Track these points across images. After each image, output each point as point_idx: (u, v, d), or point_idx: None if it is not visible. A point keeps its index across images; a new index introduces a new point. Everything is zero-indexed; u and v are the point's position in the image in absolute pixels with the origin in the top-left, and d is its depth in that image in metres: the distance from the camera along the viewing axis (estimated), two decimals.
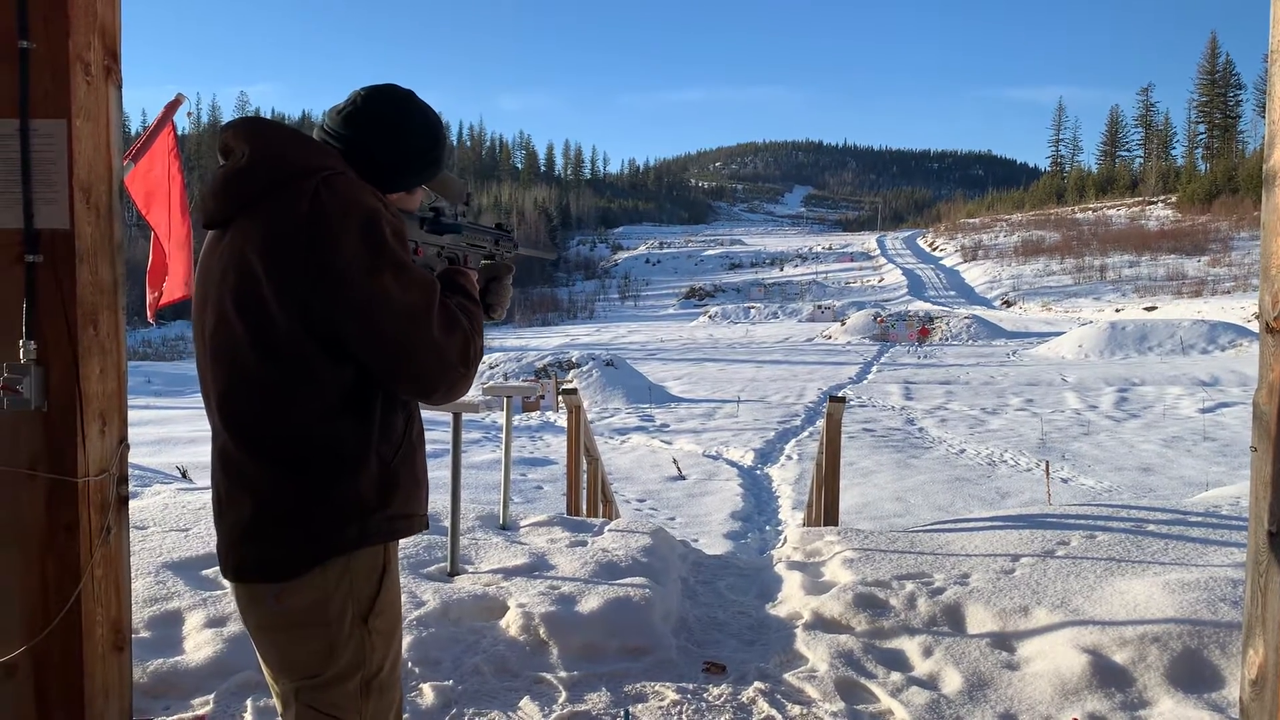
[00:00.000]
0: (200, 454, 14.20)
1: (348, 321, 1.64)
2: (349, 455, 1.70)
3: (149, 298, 4.29)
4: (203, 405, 1.85)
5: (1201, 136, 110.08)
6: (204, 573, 4.28)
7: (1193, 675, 3.43)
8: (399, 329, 1.65)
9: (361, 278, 1.62)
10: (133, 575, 2.93)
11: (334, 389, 1.68)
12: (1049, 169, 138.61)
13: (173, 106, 4.23)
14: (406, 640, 3.62)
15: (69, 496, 2.49)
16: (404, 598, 3.94)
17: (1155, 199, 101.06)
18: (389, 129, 1.82)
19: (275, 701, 2.01)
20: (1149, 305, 58.49)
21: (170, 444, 16.32)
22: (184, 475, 10.63)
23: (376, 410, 1.74)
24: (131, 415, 2.73)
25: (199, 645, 3.58)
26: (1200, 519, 5.51)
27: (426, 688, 3.36)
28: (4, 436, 2.49)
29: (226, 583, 1.86)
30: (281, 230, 1.63)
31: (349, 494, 1.71)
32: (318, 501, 1.69)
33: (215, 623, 3.75)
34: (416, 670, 3.48)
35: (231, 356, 1.70)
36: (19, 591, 2.52)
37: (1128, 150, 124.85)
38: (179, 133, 4.46)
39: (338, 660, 1.76)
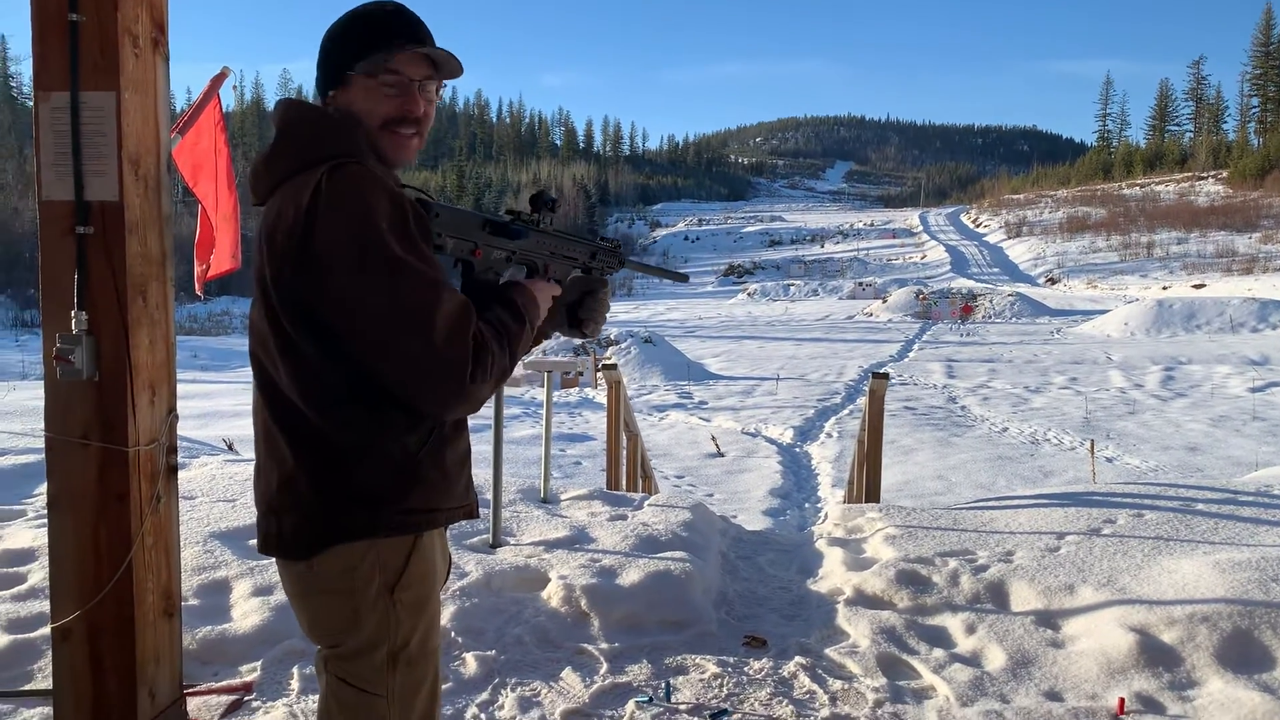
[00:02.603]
0: (246, 427, 14.39)
1: (334, 316, 1.60)
2: (355, 445, 1.67)
3: (197, 270, 4.34)
4: (247, 380, 1.88)
5: (1254, 110, 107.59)
6: (251, 542, 4.34)
7: (1243, 655, 3.38)
8: (382, 332, 1.57)
9: (344, 274, 1.57)
10: (181, 544, 2.97)
11: (337, 377, 1.65)
12: (1096, 144, 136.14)
13: (218, 80, 4.26)
14: (450, 610, 3.65)
15: (120, 465, 2.53)
16: None
17: (1205, 174, 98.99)
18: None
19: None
20: (1197, 283, 57.40)
21: (216, 417, 16.55)
22: (230, 447, 10.79)
23: (392, 404, 1.67)
24: (179, 389, 2.77)
25: (246, 614, 3.63)
26: (1251, 498, 5.41)
27: (469, 657, 3.39)
28: (57, 406, 2.54)
29: None
30: (284, 216, 1.63)
31: (355, 484, 1.68)
32: (321, 488, 1.68)
33: (262, 591, 3.80)
34: (460, 640, 3.51)
35: (259, 333, 1.72)
36: (73, 557, 2.57)
37: (1177, 125, 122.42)
38: (224, 108, 4.49)
39: (362, 629, 1.75)
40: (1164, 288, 56.91)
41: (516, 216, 1.93)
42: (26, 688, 3.16)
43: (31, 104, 2.48)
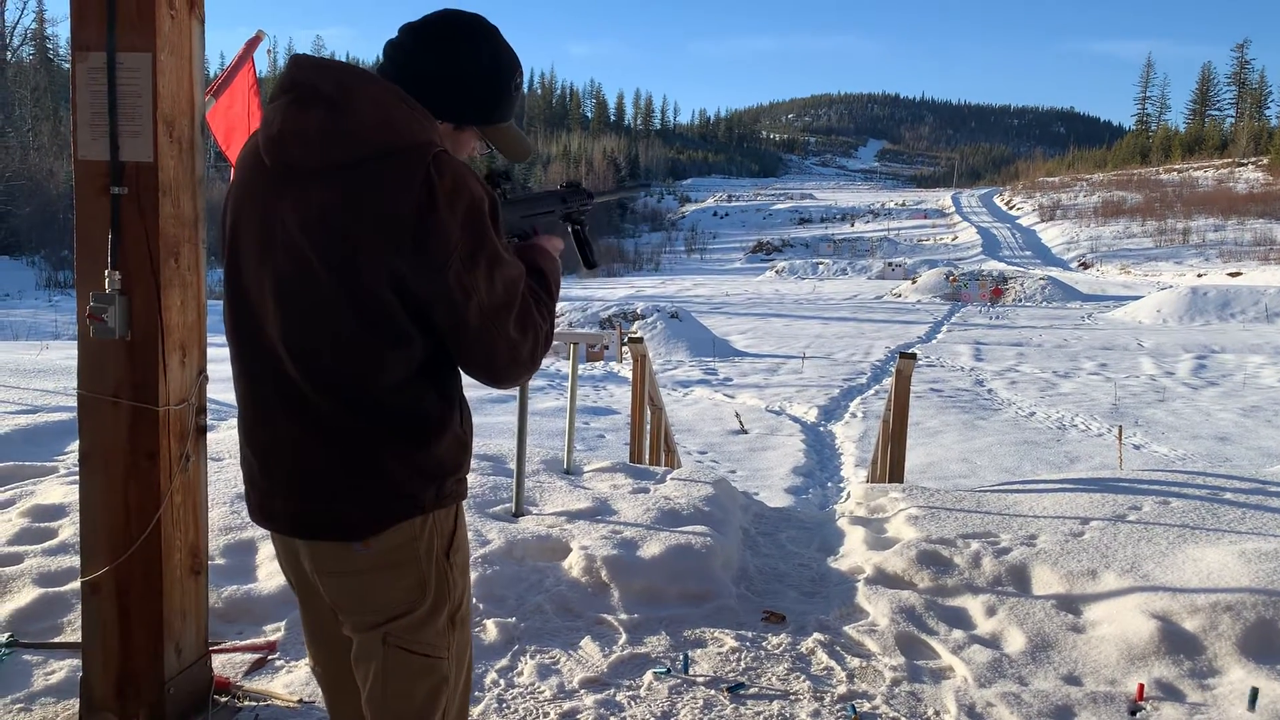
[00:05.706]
0: None
1: (438, 305, 1.63)
2: (435, 420, 1.71)
3: None
4: (228, 339, 1.81)
5: None
6: None
7: (1266, 645, 3.35)
8: (482, 323, 1.64)
9: (458, 268, 1.60)
10: (209, 504, 3.01)
11: (423, 355, 1.68)
12: (1134, 128, 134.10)
13: (253, 43, 4.27)
14: (471, 577, 3.67)
15: (150, 424, 2.56)
16: (470, 536, 4.01)
17: (1245, 160, 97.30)
18: (449, 46, 1.70)
19: (313, 663, 2.02)
20: (1233, 270, 56.50)
21: None
22: None
23: (453, 377, 1.76)
24: (210, 352, 2.79)
25: (271, 574, 3.68)
26: None
27: (490, 624, 3.42)
28: (90, 364, 2.57)
29: None
30: (388, 202, 1.57)
31: (432, 458, 1.72)
32: (404, 463, 1.69)
33: None
34: (481, 606, 3.55)
35: (318, 312, 1.64)
36: (103, 513, 2.60)
37: (1219, 109, 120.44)
38: (258, 73, 4.51)
39: (428, 596, 1.78)
40: (1199, 275, 56.08)
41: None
42: (56, 640, 3.22)
43: (68, 66, 2.50)
